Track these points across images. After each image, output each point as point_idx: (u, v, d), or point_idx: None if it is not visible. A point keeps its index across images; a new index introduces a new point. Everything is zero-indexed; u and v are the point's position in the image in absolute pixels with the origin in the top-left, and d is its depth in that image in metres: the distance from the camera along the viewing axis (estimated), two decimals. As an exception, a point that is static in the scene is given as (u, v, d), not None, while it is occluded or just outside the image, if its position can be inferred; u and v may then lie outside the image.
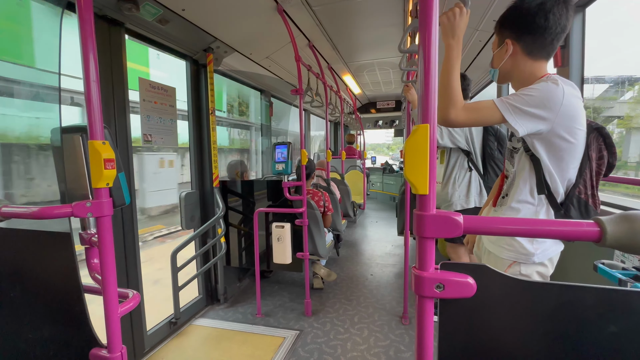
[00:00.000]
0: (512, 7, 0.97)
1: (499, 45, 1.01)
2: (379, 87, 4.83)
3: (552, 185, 0.95)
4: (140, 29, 1.72)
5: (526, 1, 0.93)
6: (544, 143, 0.92)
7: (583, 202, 0.95)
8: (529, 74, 0.97)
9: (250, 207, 2.43)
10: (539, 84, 0.90)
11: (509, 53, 0.97)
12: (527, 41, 0.95)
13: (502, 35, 1.00)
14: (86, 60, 0.74)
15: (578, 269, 1.70)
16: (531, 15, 0.92)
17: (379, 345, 1.86)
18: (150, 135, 1.84)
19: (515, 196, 1.01)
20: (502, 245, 1.03)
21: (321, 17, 2.25)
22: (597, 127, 0.97)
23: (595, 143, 0.95)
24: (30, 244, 0.84)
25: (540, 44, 0.94)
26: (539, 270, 1.01)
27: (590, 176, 0.95)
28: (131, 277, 1.72)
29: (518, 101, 0.87)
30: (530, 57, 0.96)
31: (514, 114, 0.87)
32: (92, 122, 0.75)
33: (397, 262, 3.23)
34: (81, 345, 0.82)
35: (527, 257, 0.98)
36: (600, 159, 0.96)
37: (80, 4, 0.73)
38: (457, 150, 1.93)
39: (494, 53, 1.03)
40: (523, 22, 0.94)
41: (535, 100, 0.87)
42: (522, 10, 0.93)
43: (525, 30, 0.94)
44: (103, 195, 0.77)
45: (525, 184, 0.99)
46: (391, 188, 6.62)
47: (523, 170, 1.00)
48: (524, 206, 1.00)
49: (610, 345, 0.45)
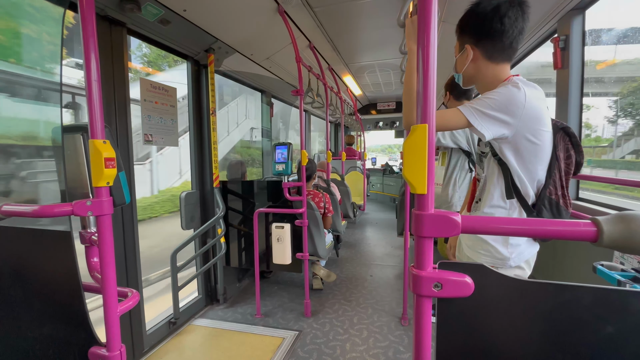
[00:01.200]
0: (468, 11, 0.97)
1: (460, 50, 1.01)
2: (379, 88, 4.84)
3: (521, 189, 0.95)
4: (141, 29, 1.73)
5: (481, 6, 0.93)
6: (511, 147, 0.92)
7: (554, 203, 0.95)
8: (492, 78, 0.97)
9: (250, 207, 2.43)
10: (500, 88, 0.90)
11: (469, 58, 0.97)
12: (486, 45, 0.95)
13: (462, 40, 1.00)
14: (87, 59, 0.75)
15: (577, 270, 1.70)
16: (487, 20, 0.91)
17: (378, 346, 1.86)
18: (151, 135, 1.84)
19: (487, 201, 1.01)
20: (479, 250, 1.03)
21: (322, 18, 2.26)
22: (562, 127, 0.97)
23: (562, 143, 0.96)
24: (31, 242, 0.84)
25: (500, 47, 0.94)
26: (516, 273, 1.00)
27: (560, 176, 0.96)
28: (130, 276, 1.72)
29: (481, 105, 0.87)
30: (491, 61, 0.96)
31: (478, 118, 0.86)
32: (93, 121, 0.76)
33: (397, 263, 3.23)
34: (81, 343, 0.82)
35: (503, 261, 0.98)
36: (569, 158, 0.97)
37: (82, 4, 0.74)
38: (457, 151, 1.94)
39: (456, 58, 1.03)
40: (480, 27, 0.94)
41: (498, 103, 0.87)
42: (478, 15, 0.93)
43: (483, 35, 0.94)
44: (103, 194, 0.78)
45: (496, 189, 0.99)
46: (391, 189, 6.62)
47: (492, 175, 1.01)
48: (496, 210, 0.99)
49: (607, 345, 0.45)
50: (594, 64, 2.97)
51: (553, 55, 1.87)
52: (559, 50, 1.83)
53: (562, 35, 1.81)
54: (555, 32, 1.95)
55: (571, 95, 1.82)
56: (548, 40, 2.11)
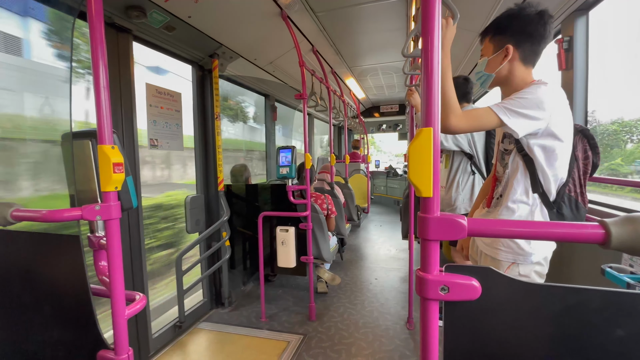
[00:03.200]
0: (512, 14, 1.00)
1: (495, 51, 1.03)
2: (382, 91, 4.85)
3: (545, 185, 0.99)
4: (147, 35, 1.76)
5: (527, 10, 0.97)
6: (539, 142, 0.95)
7: (573, 200, 0.99)
8: (520, 80, 1.02)
9: (255, 211, 2.44)
10: (531, 88, 0.94)
11: (508, 58, 1.00)
12: (525, 48, 0.99)
13: (499, 41, 1.03)
14: (96, 67, 0.76)
15: (585, 273, 1.68)
16: (533, 23, 0.96)
17: (384, 350, 1.84)
18: (156, 140, 1.86)
19: (510, 196, 1.03)
20: (499, 247, 1.04)
21: (324, 23, 2.28)
22: (581, 129, 1.03)
23: (581, 144, 1.02)
24: (40, 246, 0.85)
25: (536, 51, 1.00)
26: (536, 269, 1.02)
27: (579, 175, 1.00)
28: (137, 280, 1.73)
29: (514, 105, 0.91)
30: (524, 64, 1.01)
31: (511, 116, 0.90)
32: (101, 127, 0.77)
33: (402, 266, 3.21)
34: (89, 347, 0.83)
35: (525, 257, 1.00)
36: (586, 159, 1.02)
37: (91, 13, 0.76)
38: (460, 153, 1.93)
39: (490, 58, 1.05)
40: (525, 29, 0.98)
41: (530, 102, 0.91)
42: (523, 17, 0.97)
43: (526, 37, 0.98)
44: (112, 198, 0.79)
45: (519, 184, 1.02)
46: (395, 192, 6.60)
47: (517, 171, 1.03)
48: (519, 206, 1.02)
49: (616, 349, 0.45)
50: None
51: (557, 57, 1.86)
52: (563, 51, 1.82)
53: (566, 37, 1.81)
54: (559, 34, 1.94)
55: (576, 97, 1.81)
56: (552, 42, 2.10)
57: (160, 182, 2.48)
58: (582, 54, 1.79)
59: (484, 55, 1.08)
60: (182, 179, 2.62)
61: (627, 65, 2.05)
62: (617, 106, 2.19)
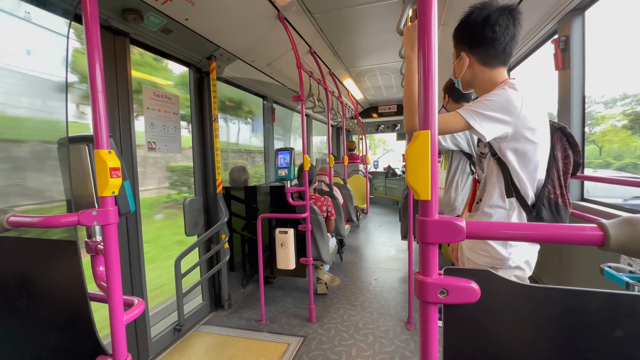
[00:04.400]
0: (461, 22, 1.00)
1: (456, 57, 1.04)
2: (380, 91, 4.86)
3: (521, 188, 0.96)
4: (144, 38, 1.75)
5: (472, 16, 0.96)
6: (510, 146, 0.93)
7: (553, 202, 0.96)
8: (489, 82, 1.00)
9: (254, 212, 2.44)
10: (498, 90, 0.93)
11: (465, 64, 1.01)
12: (480, 53, 0.98)
13: (458, 47, 1.04)
14: (92, 71, 0.76)
15: (584, 272, 1.68)
16: (479, 29, 0.95)
17: (384, 351, 1.84)
18: (154, 143, 1.86)
19: (487, 201, 1.02)
20: (478, 251, 1.03)
21: (322, 24, 2.28)
22: (559, 127, 1.00)
23: (560, 143, 0.99)
24: (37, 252, 0.84)
25: (493, 54, 0.97)
26: (516, 274, 1.01)
27: (558, 176, 0.97)
28: (135, 285, 1.72)
29: (480, 107, 0.90)
30: (487, 66, 0.99)
31: (477, 119, 0.88)
32: (97, 132, 0.76)
33: (401, 267, 3.21)
34: (87, 353, 0.82)
35: (502, 262, 0.99)
36: (566, 158, 0.99)
37: (87, 16, 0.75)
38: (458, 154, 1.93)
39: (454, 64, 1.06)
40: (473, 36, 0.97)
41: (496, 104, 0.89)
42: (470, 24, 0.97)
43: (476, 43, 0.98)
44: (109, 203, 0.78)
45: (495, 189, 1.00)
46: (394, 192, 6.61)
47: (492, 175, 1.02)
48: (495, 210, 1.00)
49: (617, 351, 0.44)
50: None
51: (554, 57, 1.87)
52: (559, 51, 1.83)
53: (563, 36, 1.82)
54: (555, 33, 1.95)
55: (573, 96, 1.82)
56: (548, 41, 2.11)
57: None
58: (578, 53, 1.79)
59: (453, 62, 1.09)
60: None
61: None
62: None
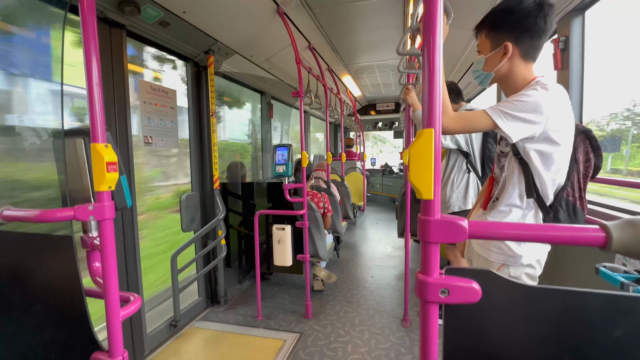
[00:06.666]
0: (509, 8, 0.94)
1: (493, 48, 0.98)
2: (378, 89, 4.84)
3: (541, 189, 0.95)
4: (141, 31, 1.72)
5: (524, 2, 0.92)
6: (535, 147, 0.92)
7: (571, 205, 0.96)
8: (521, 77, 0.97)
9: (251, 209, 2.43)
10: (530, 91, 0.90)
11: (507, 56, 0.95)
12: (525, 43, 0.94)
13: (496, 37, 0.97)
14: (89, 63, 0.74)
15: (579, 272, 1.70)
16: (532, 17, 0.91)
17: (380, 347, 1.85)
18: (150, 137, 1.84)
19: (505, 200, 1.02)
20: (490, 247, 1.03)
21: (321, 20, 2.26)
22: (583, 130, 0.98)
23: (582, 146, 0.97)
24: (32, 247, 0.83)
25: (537, 46, 0.95)
26: (527, 271, 1.01)
27: (578, 179, 0.97)
28: (131, 280, 1.71)
29: (510, 108, 0.88)
30: (524, 60, 0.96)
31: (505, 120, 0.88)
32: (94, 125, 0.75)
33: (398, 264, 3.23)
34: (83, 348, 0.82)
35: (515, 259, 0.99)
36: (587, 162, 0.98)
37: (83, 6, 0.73)
38: (456, 152, 1.94)
39: (487, 56, 1.00)
40: (522, 24, 0.93)
41: (527, 106, 0.87)
42: (522, 12, 0.92)
43: (525, 32, 0.93)
44: (105, 198, 0.77)
45: (515, 188, 0.99)
46: (391, 190, 6.62)
47: (512, 175, 1.00)
48: (511, 209, 1.00)
49: (615, 350, 0.45)
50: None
51: (553, 57, 1.87)
52: (559, 51, 1.83)
53: (562, 37, 1.82)
54: (555, 33, 1.95)
55: (572, 97, 1.83)
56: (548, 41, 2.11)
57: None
58: (577, 54, 1.80)
59: (480, 53, 1.03)
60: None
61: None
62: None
